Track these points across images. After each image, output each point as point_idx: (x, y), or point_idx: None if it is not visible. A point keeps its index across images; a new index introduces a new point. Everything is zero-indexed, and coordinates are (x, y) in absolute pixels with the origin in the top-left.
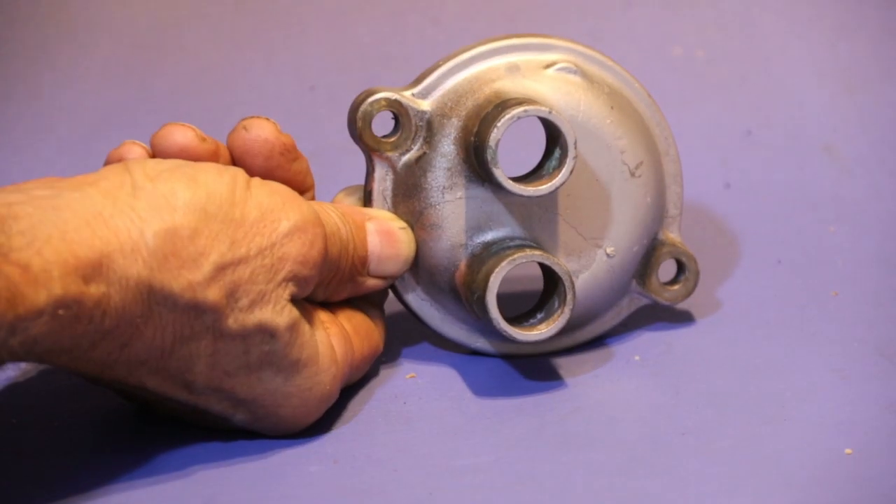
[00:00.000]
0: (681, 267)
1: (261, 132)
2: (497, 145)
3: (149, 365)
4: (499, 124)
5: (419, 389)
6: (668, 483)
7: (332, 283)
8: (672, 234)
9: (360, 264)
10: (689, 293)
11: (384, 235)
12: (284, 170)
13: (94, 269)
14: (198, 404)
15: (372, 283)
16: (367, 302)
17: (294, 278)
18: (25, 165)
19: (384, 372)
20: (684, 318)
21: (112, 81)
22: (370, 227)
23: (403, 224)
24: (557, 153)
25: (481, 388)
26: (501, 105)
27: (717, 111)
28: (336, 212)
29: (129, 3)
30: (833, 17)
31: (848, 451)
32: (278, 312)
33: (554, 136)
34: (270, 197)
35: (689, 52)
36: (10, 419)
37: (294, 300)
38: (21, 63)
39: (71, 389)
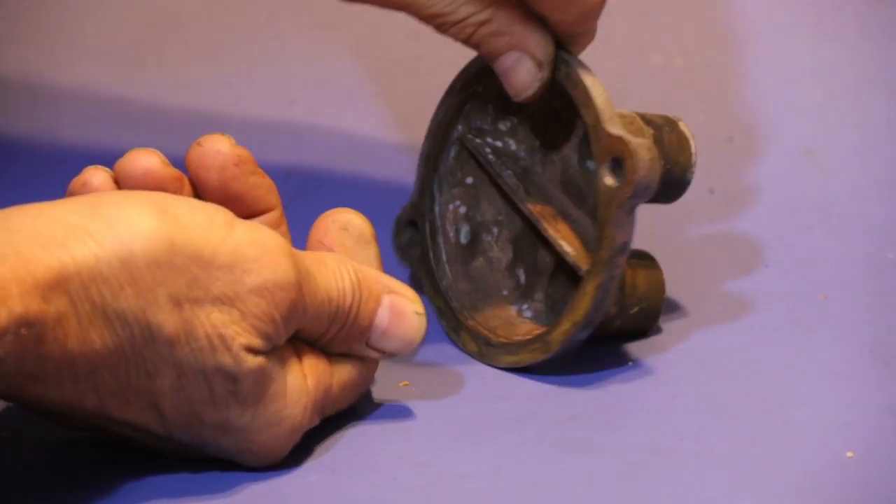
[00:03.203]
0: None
1: (214, 144)
2: None
3: (118, 396)
4: None
5: (415, 397)
6: (667, 489)
7: (319, 342)
8: None
9: (358, 332)
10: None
11: (396, 315)
12: (241, 182)
13: (51, 289)
14: (171, 437)
15: (368, 353)
16: None
17: (256, 332)
18: (5, 184)
19: (379, 379)
20: (680, 323)
21: (90, 98)
22: (385, 301)
23: (421, 310)
24: None
25: (477, 396)
26: None
27: (699, 118)
28: (353, 276)
29: (107, 21)
30: (813, 23)
31: (849, 454)
32: (242, 359)
33: None
34: (252, 245)
35: (669, 59)
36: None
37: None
38: None
39: None
